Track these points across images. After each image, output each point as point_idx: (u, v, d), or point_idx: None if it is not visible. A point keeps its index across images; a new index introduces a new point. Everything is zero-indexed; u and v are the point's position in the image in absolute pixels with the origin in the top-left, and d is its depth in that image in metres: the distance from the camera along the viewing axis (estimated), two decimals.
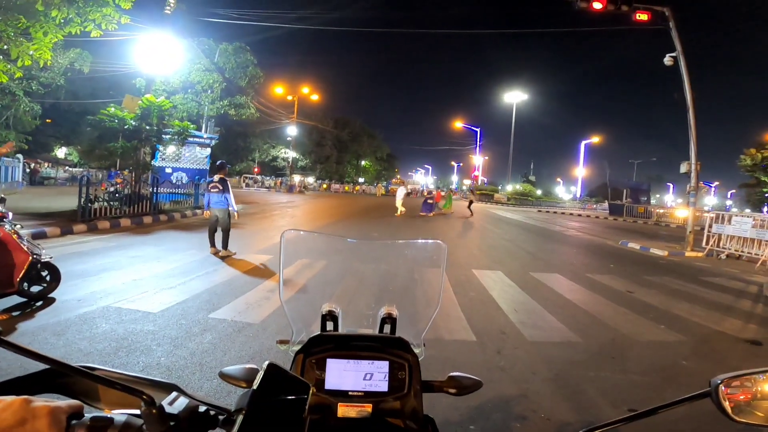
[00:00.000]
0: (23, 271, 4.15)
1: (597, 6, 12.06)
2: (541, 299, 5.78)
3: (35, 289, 4.37)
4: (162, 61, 14.96)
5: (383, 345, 0.96)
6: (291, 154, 45.67)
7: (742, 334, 4.78)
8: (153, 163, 13.94)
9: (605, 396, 3.06)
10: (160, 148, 13.82)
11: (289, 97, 39.05)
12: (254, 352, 3.51)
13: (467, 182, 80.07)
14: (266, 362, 0.67)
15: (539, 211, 37.14)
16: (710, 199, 66.03)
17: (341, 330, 1.07)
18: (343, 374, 0.92)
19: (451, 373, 0.98)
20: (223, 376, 0.91)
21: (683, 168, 12.51)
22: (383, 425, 0.90)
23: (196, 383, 2.90)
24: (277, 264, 6.85)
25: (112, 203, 11.10)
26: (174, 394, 0.67)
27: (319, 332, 1.01)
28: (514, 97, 54.40)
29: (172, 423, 0.60)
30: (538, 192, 71.96)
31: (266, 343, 3.64)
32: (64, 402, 0.54)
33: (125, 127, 11.64)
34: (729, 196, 74.86)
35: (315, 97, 41.56)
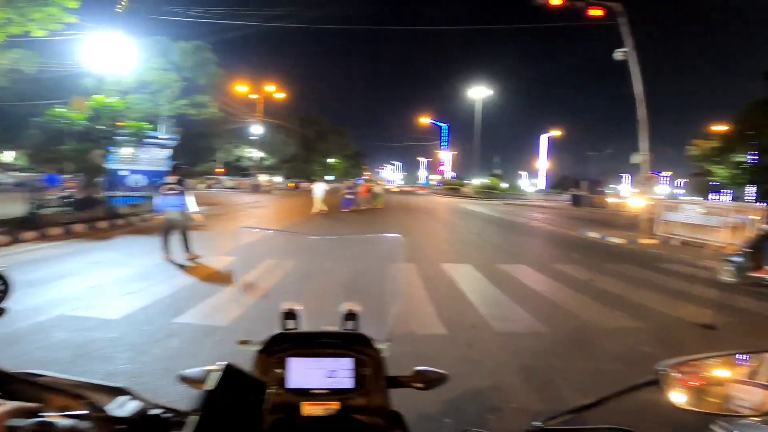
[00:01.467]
0: None
1: (555, 2, 12.53)
2: (508, 291, 5.93)
3: None
4: (114, 60, 14.47)
5: (345, 341, 0.95)
6: (256, 153, 44.65)
7: (698, 319, 5.02)
8: (107, 165, 13.27)
9: (573, 384, 3.17)
10: (114, 149, 13.17)
11: (254, 96, 38.18)
12: (224, 354, 3.34)
13: (435, 177, 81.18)
14: (224, 363, 0.68)
15: (505, 204, 38.09)
16: (663, 188, 69.58)
17: (303, 328, 1.06)
18: (305, 372, 0.91)
19: (417, 368, 0.98)
20: (183, 379, 0.89)
21: (634, 159, 13.16)
22: (350, 422, 0.89)
23: (163, 388, 2.82)
24: (242, 266, 6.70)
25: (64, 208, 10.50)
26: (124, 397, 0.67)
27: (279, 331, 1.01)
28: (479, 93, 55.31)
29: (121, 426, 0.59)
30: (504, 185, 73.75)
31: (237, 346, 3.55)
32: (3, 407, 0.52)
33: (75, 128, 11.02)
34: (682, 185, 78.45)
35: (281, 96, 40.74)
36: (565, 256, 9.65)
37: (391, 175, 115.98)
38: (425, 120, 65.24)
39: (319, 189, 17.95)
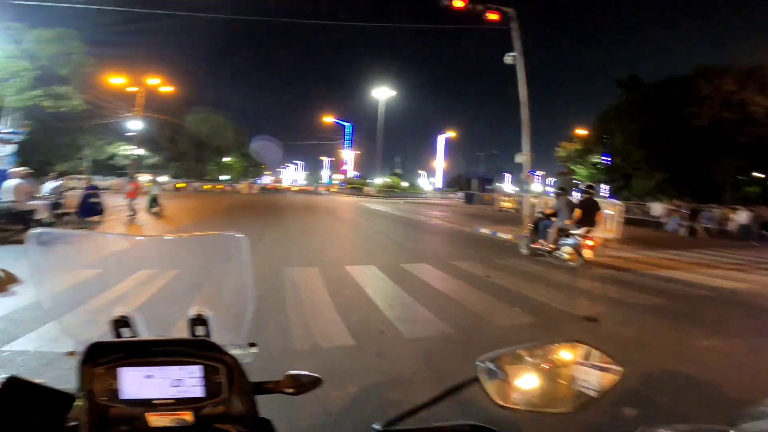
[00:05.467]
0: None
1: (458, 4, 13.24)
2: (413, 291, 5.94)
3: None
4: None
5: (188, 348, 0.88)
6: (135, 151, 39.64)
7: (578, 311, 5.40)
8: None
9: None
10: None
11: (134, 89, 33.82)
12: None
13: (338, 177, 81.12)
14: (5, 376, 0.68)
15: (405, 202, 39.46)
16: (536, 186, 78.28)
17: (142, 336, 0.98)
18: (144, 382, 0.84)
19: (289, 372, 0.95)
20: None
21: (518, 159, 14.47)
22: (210, 431, 0.85)
23: None
24: (109, 278, 5.69)
25: None
26: None
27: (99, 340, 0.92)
28: (383, 93, 56.29)
29: None
30: (404, 184, 76.57)
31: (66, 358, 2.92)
32: None
33: None
34: (552, 183, 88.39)
35: (167, 89, 36.66)
36: (462, 252, 10.16)
37: (293, 174, 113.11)
38: (329, 119, 64.69)
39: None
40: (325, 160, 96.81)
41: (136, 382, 0.84)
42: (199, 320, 0.99)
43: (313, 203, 30.40)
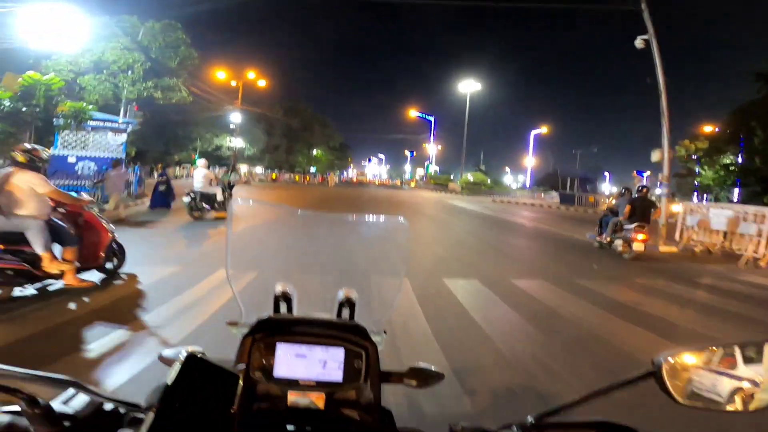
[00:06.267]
0: (106, 248, 4.73)
1: None
2: (536, 321, 4.52)
3: (110, 265, 4.90)
4: (65, 38, 13.04)
5: (339, 331, 0.86)
6: (237, 142, 42.50)
7: None
8: (51, 150, 11.60)
9: None
10: (60, 134, 11.49)
11: (234, 83, 36.23)
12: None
13: (421, 171, 79.92)
14: (184, 353, 0.70)
15: (493, 200, 37.09)
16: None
17: (296, 313, 1.00)
18: (294, 361, 0.82)
19: (413, 364, 0.91)
20: (163, 360, 0.85)
21: (655, 156, 11.82)
22: (337, 416, 0.83)
23: None
24: (186, 278, 5.21)
25: None
26: (71, 391, 0.65)
27: (269, 314, 0.94)
28: (468, 87, 54.13)
29: (67, 423, 0.57)
30: (488, 181, 72.89)
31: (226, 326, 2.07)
32: None
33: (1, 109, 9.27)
34: (659, 185, 77.79)
35: (262, 83, 38.71)
36: (585, 267, 8.31)
37: (376, 168, 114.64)
38: (413, 113, 63.80)
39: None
40: (408, 154, 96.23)
41: (287, 360, 0.82)
42: (347, 302, 0.99)
43: (397, 198, 29.66)
